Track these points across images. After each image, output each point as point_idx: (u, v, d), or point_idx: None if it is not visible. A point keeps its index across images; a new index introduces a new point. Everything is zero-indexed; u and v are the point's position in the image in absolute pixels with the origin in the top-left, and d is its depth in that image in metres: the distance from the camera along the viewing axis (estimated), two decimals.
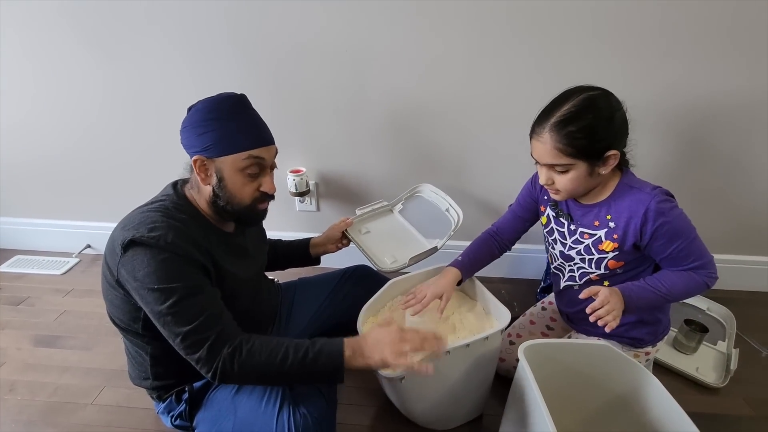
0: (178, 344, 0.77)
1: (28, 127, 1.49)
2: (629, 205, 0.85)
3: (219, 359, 0.76)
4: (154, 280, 0.74)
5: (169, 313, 0.75)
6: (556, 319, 1.17)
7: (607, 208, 0.89)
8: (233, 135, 0.82)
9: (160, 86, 1.36)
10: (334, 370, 0.78)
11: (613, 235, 0.88)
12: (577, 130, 0.79)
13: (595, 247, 0.91)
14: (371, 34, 1.23)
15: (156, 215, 0.79)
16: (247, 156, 0.83)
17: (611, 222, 0.88)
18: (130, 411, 1.08)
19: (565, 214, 0.97)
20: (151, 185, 0.97)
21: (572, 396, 0.87)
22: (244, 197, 0.85)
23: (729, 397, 1.11)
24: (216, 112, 0.81)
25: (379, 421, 1.06)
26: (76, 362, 1.23)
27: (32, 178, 1.60)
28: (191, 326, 0.75)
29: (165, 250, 0.75)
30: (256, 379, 0.81)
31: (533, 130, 0.85)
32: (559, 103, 0.82)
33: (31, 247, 1.74)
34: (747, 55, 1.15)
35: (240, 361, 0.76)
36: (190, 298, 0.76)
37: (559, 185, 0.86)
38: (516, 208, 1.10)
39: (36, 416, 1.07)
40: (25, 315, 1.41)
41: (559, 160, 0.82)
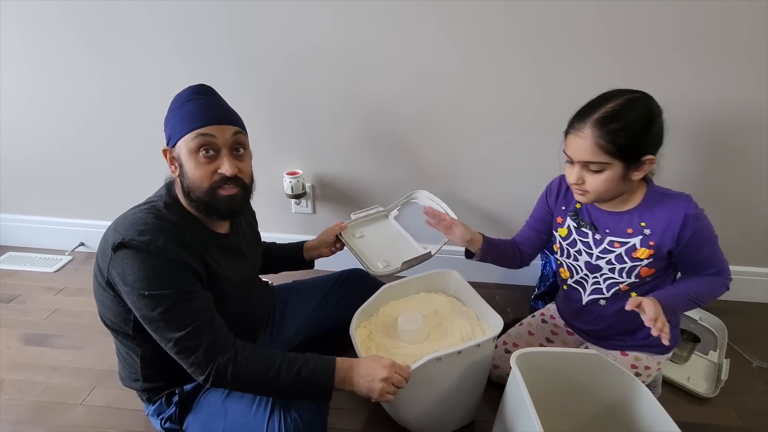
0: (170, 349, 0.77)
1: (24, 124, 1.48)
2: (668, 211, 0.86)
3: (213, 366, 0.76)
4: (145, 286, 0.73)
5: (162, 319, 0.74)
6: (558, 333, 1.15)
7: (640, 215, 0.89)
8: (185, 119, 0.81)
9: (159, 87, 1.35)
10: (323, 391, 0.81)
11: (649, 242, 0.88)
12: (620, 128, 0.78)
13: (628, 255, 0.90)
14: (370, 38, 1.23)
15: (147, 217, 0.78)
16: (196, 134, 0.79)
17: (646, 229, 0.88)
18: (120, 412, 1.07)
19: (587, 224, 0.95)
20: (146, 185, 0.97)
21: (563, 404, 0.87)
22: (202, 181, 0.81)
23: (719, 407, 1.11)
24: (174, 104, 0.84)
25: (369, 425, 1.06)
26: (66, 362, 1.22)
27: (27, 174, 1.59)
28: (184, 332, 0.75)
29: (155, 255, 0.74)
30: (246, 388, 0.82)
31: (571, 125, 0.85)
32: (603, 101, 0.82)
33: (23, 244, 1.73)
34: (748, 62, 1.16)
35: (234, 370, 0.77)
36: (181, 304, 0.75)
37: (589, 186, 0.85)
38: (531, 221, 1.10)
39: (24, 416, 1.06)
40: (15, 313, 1.40)
41: (596, 158, 0.81)
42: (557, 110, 1.26)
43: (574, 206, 0.99)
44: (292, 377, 0.79)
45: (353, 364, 0.83)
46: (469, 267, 1.51)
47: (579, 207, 0.98)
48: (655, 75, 1.18)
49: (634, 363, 1.01)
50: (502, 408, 0.89)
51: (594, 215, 0.95)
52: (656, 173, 0.90)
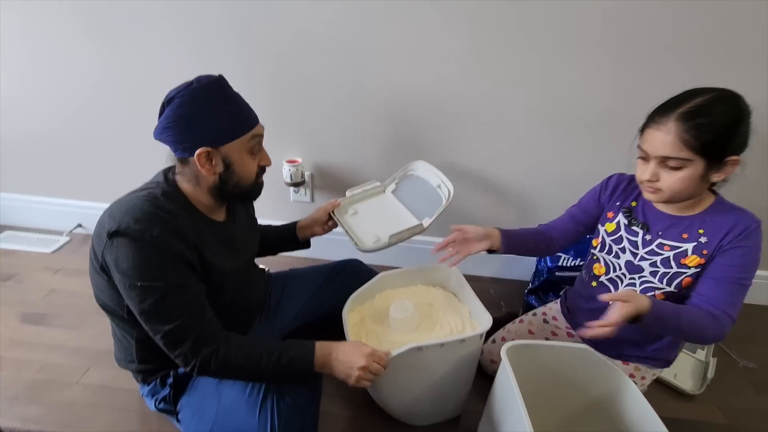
0: (159, 340, 0.79)
1: (24, 101, 1.47)
2: (732, 220, 0.82)
3: (198, 358, 0.78)
4: (137, 276, 0.74)
5: (152, 311, 0.76)
6: (558, 335, 1.13)
7: (701, 222, 0.85)
8: (233, 119, 0.82)
9: (159, 72, 1.34)
10: (304, 375, 0.86)
11: (702, 250, 0.84)
12: (707, 124, 0.74)
13: (677, 260, 0.86)
14: (373, 28, 1.22)
15: (144, 204, 0.78)
16: (252, 136, 0.85)
17: (703, 237, 0.84)
18: (116, 391, 1.09)
19: (640, 224, 0.92)
20: (144, 168, 0.96)
21: (551, 397, 0.89)
22: (252, 175, 0.88)
23: (704, 404, 1.13)
24: (206, 101, 0.79)
25: (361, 412, 1.08)
26: (63, 341, 1.23)
27: (25, 153, 1.58)
28: (173, 325, 0.76)
29: (150, 245, 0.74)
30: (232, 377, 0.86)
31: (652, 119, 0.80)
32: (689, 96, 0.78)
33: (21, 223, 1.73)
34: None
35: (217, 362, 0.79)
36: (172, 297, 0.76)
37: (664, 183, 0.81)
38: (575, 212, 1.06)
39: (21, 392, 1.08)
40: (13, 291, 1.41)
41: (678, 153, 0.76)
42: (560, 107, 1.28)
43: (629, 203, 0.96)
44: (273, 365, 0.82)
45: (332, 350, 0.85)
46: (467, 259, 1.52)
47: (635, 205, 0.95)
48: (667, 75, 1.18)
49: (633, 372, 1.01)
50: (491, 399, 0.90)
51: (650, 215, 0.92)
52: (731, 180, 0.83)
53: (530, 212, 1.47)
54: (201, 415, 0.87)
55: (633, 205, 0.95)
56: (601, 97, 1.25)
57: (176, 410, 0.92)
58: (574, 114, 1.28)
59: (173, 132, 0.79)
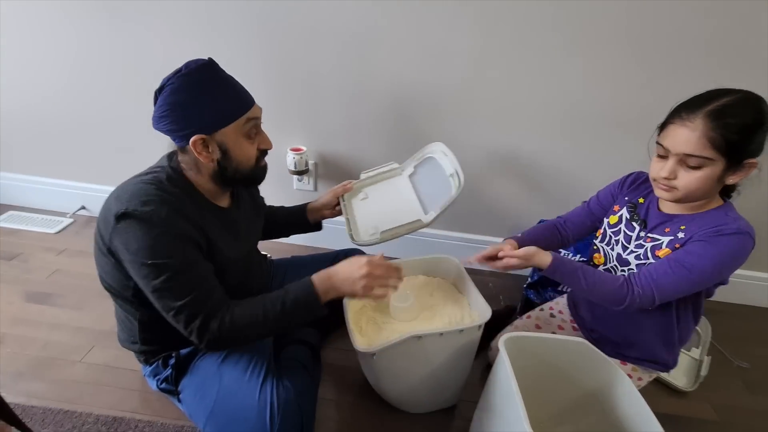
0: (170, 317, 0.79)
1: (29, 82, 1.47)
2: (715, 221, 0.81)
3: (209, 332, 0.79)
4: (148, 255, 0.75)
5: (164, 288, 0.76)
6: (564, 329, 1.14)
7: (689, 221, 0.85)
8: (226, 104, 0.80)
9: (167, 55, 1.34)
10: (312, 312, 0.85)
11: (675, 245, 0.85)
12: (734, 124, 0.73)
13: (652, 252, 0.88)
14: (381, 19, 1.22)
15: (150, 188, 0.78)
16: (246, 120, 0.83)
17: (681, 233, 0.85)
18: (118, 371, 1.11)
19: (640, 220, 0.93)
20: (149, 152, 0.96)
21: (547, 389, 0.90)
22: (251, 159, 0.87)
23: (696, 401, 1.15)
24: (197, 87, 0.78)
25: (359, 398, 1.10)
26: (67, 320, 1.25)
27: (30, 133, 1.59)
28: (183, 301, 0.77)
29: (158, 225, 0.76)
30: (244, 341, 0.85)
31: (677, 114, 0.78)
32: (716, 95, 0.76)
33: (25, 204, 1.74)
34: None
35: (225, 330, 0.79)
36: (183, 274, 0.77)
37: (681, 182, 0.79)
38: (592, 204, 1.06)
39: (24, 369, 1.10)
40: (17, 270, 1.42)
41: (701, 151, 0.75)
42: (567, 103, 1.28)
43: (637, 199, 0.96)
44: (279, 314, 0.82)
45: (330, 274, 0.86)
46: (466, 252, 1.53)
47: (642, 202, 0.95)
48: (673, 75, 1.18)
49: (630, 373, 1.01)
50: (487, 389, 0.92)
51: (651, 213, 0.92)
52: (743, 185, 0.83)
53: (534, 207, 1.48)
54: (202, 395, 0.89)
55: (640, 201, 0.96)
56: (608, 94, 1.25)
57: (178, 391, 0.94)
58: (580, 111, 1.28)
59: (167, 121, 0.79)
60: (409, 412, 1.07)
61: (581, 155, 1.36)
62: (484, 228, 1.56)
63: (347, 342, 0.94)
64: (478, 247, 1.58)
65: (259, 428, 0.81)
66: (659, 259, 0.86)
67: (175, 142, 0.83)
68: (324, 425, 1.02)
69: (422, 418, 1.06)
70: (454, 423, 1.06)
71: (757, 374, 1.25)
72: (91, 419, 0.99)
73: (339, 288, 0.85)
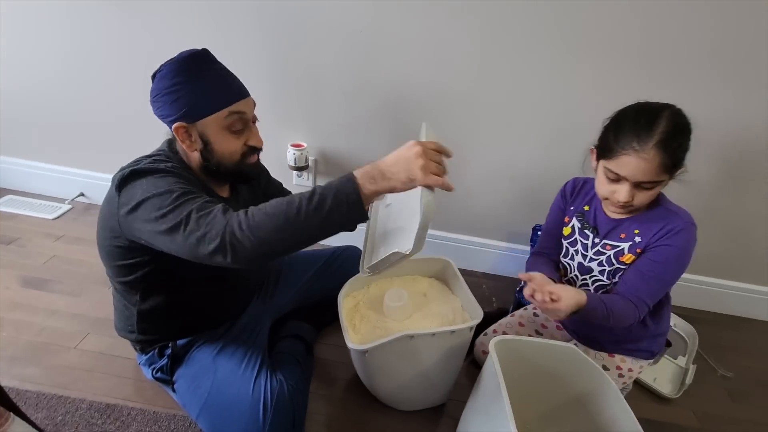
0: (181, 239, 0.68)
1: (33, 67, 1.47)
2: (664, 223, 0.89)
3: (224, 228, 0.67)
4: (150, 190, 0.73)
5: (168, 212, 0.70)
6: (547, 327, 1.18)
7: (638, 224, 0.93)
8: (206, 94, 0.79)
9: (169, 43, 1.33)
10: (351, 208, 0.67)
11: (636, 249, 0.92)
12: (678, 146, 0.82)
13: (616, 258, 0.95)
14: (387, 19, 1.23)
15: (153, 157, 0.81)
16: (228, 113, 0.81)
17: (638, 236, 0.92)
18: (113, 359, 1.12)
19: (591, 227, 0.99)
20: (149, 140, 0.97)
21: (534, 391, 0.92)
22: (234, 155, 0.84)
23: (679, 408, 1.18)
24: (184, 74, 0.78)
25: (349, 394, 1.11)
26: (63, 306, 1.25)
27: (32, 118, 1.59)
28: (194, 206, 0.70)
29: (163, 171, 0.76)
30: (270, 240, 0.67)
31: (629, 145, 0.82)
32: (653, 120, 0.82)
33: (24, 189, 1.74)
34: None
35: (247, 221, 0.67)
36: (183, 196, 0.72)
37: (637, 202, 0.87)
38: (551, 229, 1.09)
39: (20, 353, 1.11)
40: (14, 255, 1.43)
41: (657, 177, 0.83)
42: (566, 113, 1.29)
43: (582, 207, 1.02)
44: (308, 203, 0.66)
45: (376, 163, 0.69)
46: (462, 254, 1.55)
47: (587, 209, 1.01)
48: (669, 84, 1.20)
49: (620, 365, 1.06)
50: (476, 389, 0.94)
51: (599, 219, 0.99)
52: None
53: (531, 213, 1.49)
54: (197, 386, 0.90)
55: (586, 209, 1.02)
56: (610, 105, 1.26)
57: (172, 380, 0.95)
58: (580, 120, 1.30)
59: (157, 105, 0.81)
60: (398, 410, 1.08)
61: (578, 162, 1.37)
62: (481, 231, 1.58)
63: (340, 338, 0.95)
64: (472, 249, 1.60)
65: (252, 421, 0.83)
66: (630, 273, 0.94)
67: (168, 127, 0.85)
68: (314, 419, 1.03)
69: (411, 415, 1.08)
70: (442, 421, 1.08)
71: (740, 384, 1.28)
72: (84, 405, 1.00)
73: (389, 173, 0.67)
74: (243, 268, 0.71)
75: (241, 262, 0.68)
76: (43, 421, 0.95)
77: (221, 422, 0.86)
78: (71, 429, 0.95)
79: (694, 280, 1.52)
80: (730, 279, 1.51)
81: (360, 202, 0.67)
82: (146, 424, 0.97)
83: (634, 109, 0.87)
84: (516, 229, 1.55)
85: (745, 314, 1.56)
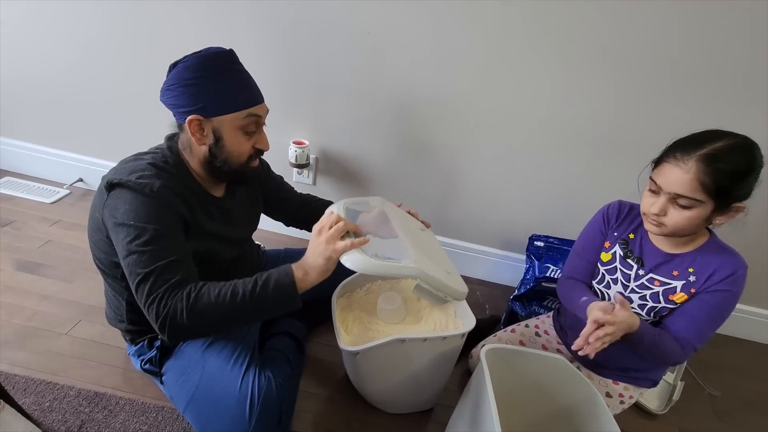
0: (133, 286, 0.76)
1: (38, 49, 1.47)
2: (721, 262, 0.85)
3: (166, 309, 0.74)
4: (132, 218, 0.76)
5: (137, 252, 0.75)
6: (548, 348, 1.14)
7: (692, 261, 0.88)
8: (230, 93, 0.81)
9: (172, 31, 1.34)
10: (287, 294, 0.79)
11: (690, 289, 0.88)
12: (726, 169, 0.75)
13: (665, 296, 0.90)
14: (397, 22, 1.23)
15: (147, 166, 0.81)
16: (247, 114, 0.84)
17: (692, 276, 0.87)
18: (103, 347, 1.12)
19: (635, 257, 0.94)
20: (152, 130, 0.97)
21: (522, 401, 0.93)
22: (242, 155, 0.87)
23: (664, 423, 1.18)
24: (208, 70, 0.80)
25: (337, 394, 1.12)
26: (56, 292, 1.25)
27: (34, 100, 1.58)
28: (150, 268, 0.75)
29: (148, 196, 0.77)
30: (210, 324, 0.77)
31: (672, 154, 0.80)
32: (711, 138, 0.78)
33: (23, 171, 1.74)
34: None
35: (189, 307, 0.74)
36: (159, 242, 0.76)
37: (669, 219, 0.82)
38: (585, 253, 1.02)
39: (11, 337, 1.10)
40: (9, 238, 1.42)
41: (692, 193, 0.77)
42: (568, 121, 1.30)
43: (627, 235, 0.96)
44: (249, 292, 0.76)
45: (303, 257, 0.83)
46: (457, 259, 1.55)
47: (632, 237, 0.96)
48: (669, 102, 1.21)
49: (622, 392, 1.03)
50: (465, 396, 0.94)
51: (645, 250, 0.93)
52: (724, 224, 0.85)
53: (527, 220, 1.50)
54: (185, 379, 0.90)
55: (631, 237, 0.96)
56: (611, 117, 1.27)
57: (161, 372, 0.95)
58: (581, 129, 1.30)
59: (172, 95, 0.81)
60: (386, 412, 1.09)
61: (577, 174, 1.38)
62: (477, 237, 1.58)
63: (333, 338, 0.95)
64: (468, 255, 1.60)
65: (239, 416, 0.83)
66: (681, 315, 0.89)
67: (175, 118, 0.85)
68: (302, 417, 1.03)
69: (399, 418, 1.08)
70: (429, 426, 1.08)
71: (726, 403, 1.28)
72: (72, 392, 1.00)
73: (311, 263, 0.80)
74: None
75: (173, 342, 0.83)
76: (31, 407, 0.95)
77: (208, 416, 0.86)
78: (59, 415, 0.95)
79: None
80: None
81: (295, 293, 0.80)
82: (134, 414, 0.97)
83: (704, 130, 0.82)
84: (512, 238, 1.55)
85: (737, 334, 1.57)
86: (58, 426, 0.93)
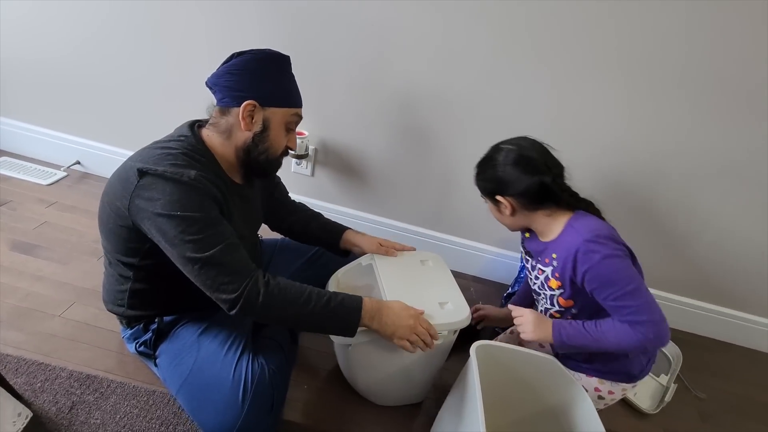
0: (196, 271, 0.77)
1: (41, 30, 1.46)
2: (566, 246, 0.89)
3: (244, 288, 0.78)
4: (177, 208, 0.76)
5: (192, 241, 0.76)
6: (545, 346, 1.12)
7: (554, 247, 0.93)
8: (288, 91, 0.89)
9: (179, 18, 1.33)
10: (349, 324, 0.85)
11: (555, 274, 0.93)
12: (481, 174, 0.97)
13: (546, 283, 0.97)
14: (401, 16, 1.22)
15: (177, 153, 0.81)
16: (295, 113, 0.91)
17: (555, 261, 0.93)
18: (97, 330, 1.12)
19: (526, 251, 1.04)
20: (148, 113, 0.97)
21: (510, 398, 0.94)
22: (279, 148, 0.92)
23: (652, 424, 1.20)
24: (273, 65, 0.87)
25: (328, 384, 1.12)
26: (50, 274, 1.25)
27: (34, 81, 1.57)
28: (211, 252, 0.77)
29: (186, 183, 0.77)
30: (274, 315, 0.83)
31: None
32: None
33: (20, 152, 1.73)
34: None
35: (266, 293, 0.79)
36: (211, 228, 0.78)
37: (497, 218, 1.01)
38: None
39: (4, 317, 1.10)
40: (5, 218, 1.42)
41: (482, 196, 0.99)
42: (566, 122, 1.30)
43: (524, 234, 1.06)
44: (321, 306, 0.82)
45: (382, 305, 0.88)
46: (452, 255, 1.55)
47: (528, 236, 1.04)
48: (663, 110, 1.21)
49: (598, 386, 1.02)
50: (454, 390, 0.95)
51: (530, 244, 1.02)
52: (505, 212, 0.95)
53: None
54: (178, 363, 0.91)
55: (527, 236, 1.05)
56: (612, 123, 1.27)
57: (155, 355, 0.95)
58: (582, 135, 1.31)
59: (233, 79, 0.84)
60: (376, 404, 1.10)
61: (577, 175, 1.38)
62: (473, 234, 1.58)
63: None
64: (463, 251, 1.61)
65: (231, 402, 0.84)
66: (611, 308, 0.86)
67: (221, 102, 0.86)
68: (292, 406, 1.04)
69: (388, 410, 1.09)
70: (418, 419, 1.09)
71: (712, 405, 1.30)
72: (64, 374, 1.00)
73: (383, 323, 0.87)
74: None
75: (237, 317, 0.81)
76: (22, 387, 0.96)
77: (200, 400, 0.87)
78: (50, 396, 0.95)
79: (678, 301, 1.54)
80: (716, 304, 1.53)
81: (356, 324, 0.86)
82: (125, 397, 0.98)
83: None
84: (508, 235, 1.55)
85: (728, 339, 1.58)
86: (49, 407, 0.93)
